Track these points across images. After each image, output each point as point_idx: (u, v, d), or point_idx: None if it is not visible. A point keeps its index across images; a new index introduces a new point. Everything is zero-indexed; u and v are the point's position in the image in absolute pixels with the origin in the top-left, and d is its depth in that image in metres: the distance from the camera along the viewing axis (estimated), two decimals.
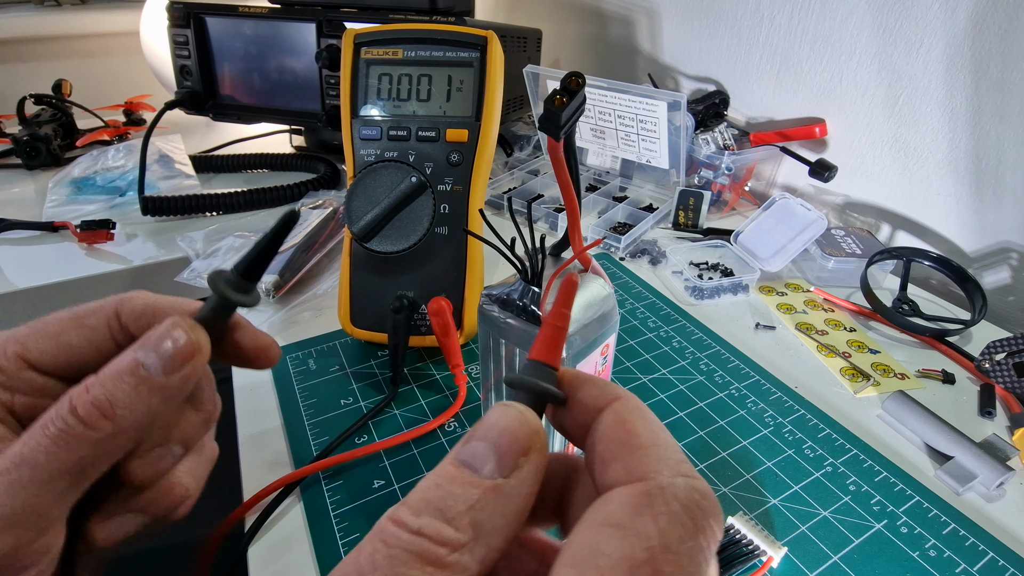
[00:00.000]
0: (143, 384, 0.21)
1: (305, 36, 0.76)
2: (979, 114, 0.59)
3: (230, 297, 0.23)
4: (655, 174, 0.82)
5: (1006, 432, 0.44)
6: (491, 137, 0.48)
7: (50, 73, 1.04)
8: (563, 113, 0.28)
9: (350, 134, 0.48)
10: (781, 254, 0.61)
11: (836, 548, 0.35)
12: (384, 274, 0.48)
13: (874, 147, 0.69)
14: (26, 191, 0.79)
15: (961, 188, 0.62)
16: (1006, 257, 0.60)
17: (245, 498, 0.37)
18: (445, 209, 0.47)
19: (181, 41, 0.79)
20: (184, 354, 0.22)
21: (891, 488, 0.39)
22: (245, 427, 0.43)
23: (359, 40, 0.49)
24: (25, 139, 0.83)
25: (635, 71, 1.03)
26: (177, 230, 0.69)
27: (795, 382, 0.48)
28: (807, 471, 0.40)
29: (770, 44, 0.77)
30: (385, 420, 0.44)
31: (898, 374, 0.50)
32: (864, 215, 0.73)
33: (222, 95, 0.83)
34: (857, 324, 0.56)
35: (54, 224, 0.67)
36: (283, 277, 0.56)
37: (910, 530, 0.36)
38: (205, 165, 0.86)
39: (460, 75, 0.48)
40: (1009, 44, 0.55)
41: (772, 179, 0.83)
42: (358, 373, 0.48)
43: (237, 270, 0.23)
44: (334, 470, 0.39)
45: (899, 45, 0.63)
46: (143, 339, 0.22)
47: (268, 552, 0.35)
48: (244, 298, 0.23)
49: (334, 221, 0.65)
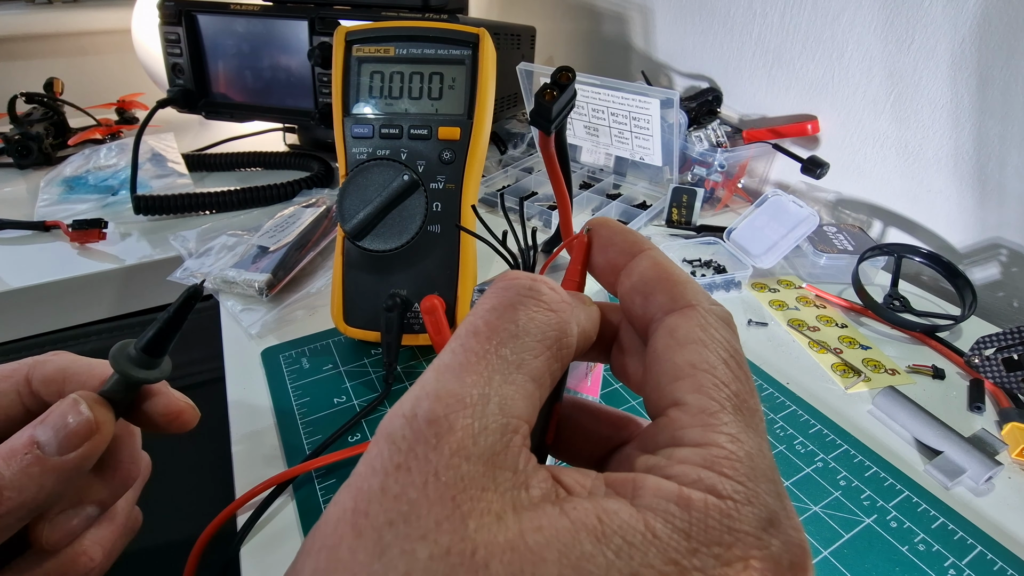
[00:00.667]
0: (36, 464, 0.21)
1: (297, 34, 0.76)
2: (969, 111, 0.59)
3: (132, 375, 0.23)
4: (648, 171, 0.82)
5: (995, 427, 0.45)
6: (483, 135, 0.48)
7: (42, 71, 1.03)
8: (553, 107, 0.28)
9: (342, 132, 0.48)
10: (773, 251, 0.61)
11: (827, 543, 0.35)
12: (377, 272, 0.48)
13: (865, 144, 0.70)
14: (18, 190, 0.79)
15: (952, 184, 0.63)
16: (996, 253, 0.60)
17: (237, 496, 0.37)
18: (437, 207, 0.47)
19: (173, 39, 0.79)
20: (81, 434, 0.21)
21: (881, 483, 0.39)
22: (238, 426, 0.43)
23: (350, 38, 0.49)
24: (16, 138, 0.83)
25: (629, 68, 1.03)
26: (170, 229, 0.68)
27: (787, 378, 0.49)
28: (798, 467, 0.40)
29: (762, 41, 0.78)
30: (378, 418, 0.44)
31: (889, 370, 0.50)
32: (856, 212, 0.73)
33: (215, 93, 0.82)
34: (848, 320, 0.56)
35: (46, 223, 0.67)
36: (276, 276, 0.56)
37: (900, 524, 0.37)
38: (198, 163, 0.86)
39: (452, 73, 0.48)
40: (998, 41, 0.55)
41: (765, 176, 0.83)
42: (351, 371, 0.48)
43: (139, 347, 0.23)
44: (327, 468, 0.39)
45: (890, 42, 0.64)
46: (43, 415, 0.22)
47: (260, 549, 0.35)
48: (147, 374, 0.23)
49: (327, 219, 0.65)
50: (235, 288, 0.56)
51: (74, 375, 0.25)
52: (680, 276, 0.17)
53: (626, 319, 0.19)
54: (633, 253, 0.18)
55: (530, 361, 0.15)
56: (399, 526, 0.12)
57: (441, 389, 0.14)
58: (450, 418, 0.13)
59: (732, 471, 0.13)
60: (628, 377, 0.19)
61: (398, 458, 0.13)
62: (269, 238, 0.60)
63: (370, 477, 0.13)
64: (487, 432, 0.13)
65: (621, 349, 0.19)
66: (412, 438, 0.13)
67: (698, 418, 0.14)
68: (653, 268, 0.18)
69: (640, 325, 0.17)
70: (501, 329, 0.15)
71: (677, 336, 0.16)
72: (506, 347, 0.15)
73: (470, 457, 0.13)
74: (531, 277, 0.16)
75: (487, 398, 0.13)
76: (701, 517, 0.12)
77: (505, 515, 0.12)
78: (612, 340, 0.19)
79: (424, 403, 0.13)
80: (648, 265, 0.18)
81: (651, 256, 0.18)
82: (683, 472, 0.13)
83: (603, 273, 0.19)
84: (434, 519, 0.12)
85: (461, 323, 0.16)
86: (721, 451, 0.13)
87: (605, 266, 0.19)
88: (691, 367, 0.15)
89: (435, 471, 0.12)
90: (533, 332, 0.15)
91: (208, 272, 0.57)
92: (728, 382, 0.15)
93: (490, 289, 0.16)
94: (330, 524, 0.12)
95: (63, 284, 0.61)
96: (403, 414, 0.13)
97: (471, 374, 0.14)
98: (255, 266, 0.57)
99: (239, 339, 0.52)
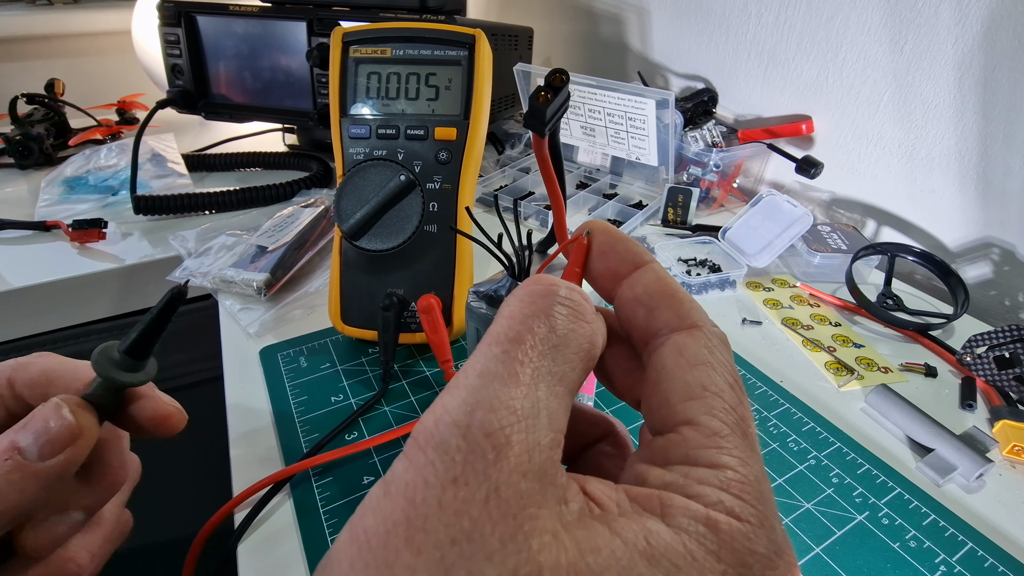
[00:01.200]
0: (17, 471, 0.20)
1: (296, 35, 0.76)
2: (962, 111, 0.59)
3: (116, 379, 0.22)
4: (644, 171, 0.83)
5: (986, 424, 0.45)
6: (479, 135, 0.48)
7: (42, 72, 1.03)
8: (547, 109, 0.28)
9: (339, 133, 0.49)
10: (768, 250, 0.62)
11: (819, 540, 0.36)
12: (374, 272, 0.48)
13: (859, 144, 0.70)
14: (19, 190, 0.80)
15: (945, 184, 0.63)
16: (988, 252, 0.61)
17: (235, 495, 0.37)
18: (434, 207, 0.47)
19: (172, 40, 0.79)
20: (63, 439, 0.21)
21: (873, 480, 0.40)
22: (235, 425, 0.43)
23: (347, 39, 0.49)
24: (17, 138, 0.83)
25: (625, 69, 1.03)
26: (169, 229, 0.69)
27: (780, 376, 0.49)
28: (791, 464, 0.41)
29: (758, 42, 0.78)
30: (375, 417, 0.44)
31: (882, 368, 0.50)
32: (850, 211, 0.74)
33: (214, 94, 0.83)
34: (842, 319, 0.57)
35: (46, 223, 0.67)
36: (275, 275, 0.56)
37: (891, 521, 0.37)
38: (198, 164, 0.86)
39: (448, 73, 0.49)
40: (992, 41, 0.55)
41: (760, 176, 0.83)
42: (348, 370, 0.48)
43: (122, 349, 0.22)
44: (324, 467, 0.40)
45: (884, 43, 0.64)
46: (24, 420, 0.21)
47: (257, 548, 0.35)
48: (131, 377, 0.22)
49: (326, 219, 0.66)
50: (234, 287, 0.56)
51: (58, 378, 0.24)
52: (685, 295, 0.18)
53: (621, 328, 0.19)
54: (636, 264, 0.18)
55: (569, 374, 0.15)
56: (462, 545, 0.11)
57: (493, 399, 0.13)
58: (507, 431, 0.13)
59: (746, 494, 0.13)
60: (614, 383, 0.19)
61: (454, 471, 0.12)
62: (268, 238, 0.60)
63: (424, 489, 0.12)
64: (540, 448, 0.13)
65: (611, 356, 0.19)
66: (468, 450, 0.12)
67: (711, 439, 0.14)
68: (658, 283, 0.18)
69: (640, 336, 0.18)
70: (544, 338, 0.15)
71: (686, 356, 0.16)
72: (549, 358, 0.15)
73: (527, 473, 0.12)
74: (566, 285, 0.16)
75: (537, 411, 0.13)
76: (728, 540, 0.13)
77: (558, 533, 0.12)
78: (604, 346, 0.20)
79: (478, 413, 0.13)
80: (653, 279, 0.18)
81: (655, 270, 0.18)
82: (704, 493, 0.13)
83: (601, 279, 0.19)
84: (498, 538, 0.11)
85: (495, 325, 0.16)
86: (735, 474, 0.14)
87: (604, 273, 0.19)
88: (702, 388, 0.15)
89: (496, 487, 0.12)
90: (572, 344, 0.15)
91: (206, 272, 0.57)
92: (735, 406, 0.15)
93: (523, 292, 0.16)
94: (376, 536, 0.12)
95: (63, 284, 0.61)
96: (455, 423, 0.13)
97: (520, 385, 0.14)
98: (254, 266, 0.57)
99: (237, 338, 0.52)
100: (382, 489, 0.13)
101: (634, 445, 0.19)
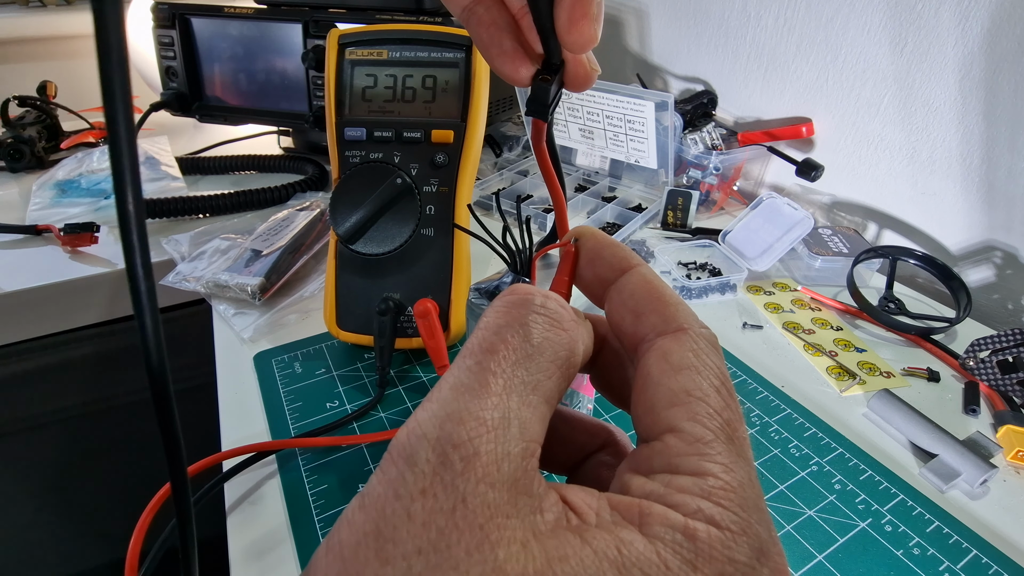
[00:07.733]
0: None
1: (291, 37, 0.76)
2: (964, 113, 0.59)
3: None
4: (644, 174, 0.82)
5: (990, 429, 0.45)
6: (477, 138, 0.48)
7: (35, 74, 1.03)
8: (550, 89, 0.28)
9: (335, 136, 0.48)
10: (768, 253, 0.61)
11: (821, 547, 0.35)
12: (370, 276, 0.47)
13: (860, 146, 0.70)
14: (10, 194, 0.79)
15: (947, 187, 0.63)
16: (991, 255, 0.61)
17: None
18: (431, 211, 0.47)
19: (166, 42, 0.78)
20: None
21: (876, 487, 0.39)
22: (229, 431, 0.43)
23: (343, 41, 0.48)
24: (9, 141, 0.82)
25: (624, 71, 1.03)
26: (163, 232, 0.68)
27: (782, 381, 0.49)
28: (793, 470, 0.40)
29: (757, 44, 0.78)
30: (371, 423, 0.43)
31: (884, 372, 0.50)
32: (851, 214, 0.73)
33: (208, 96, 0.82)
34: (844, 323, 0.56)
35: (37, 227, 0.66)
36: (269, 279, 0.56)
37: (894, 528, 0.36)
38: (192, 167, 0.85)
39: (445, 76, 0.48)
40: (993, 42, 0.55)
41: (760, 179, 0.83)
42: (344, 376, 0.48)
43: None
44: (318, 464, 0.39)
45: (884, 44, 0.64)
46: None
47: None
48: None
49: (321, 223, 0.65)
50: (227, 292, 0.56)
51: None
52: (671, 297, 0.17)
53: (612, 334, 0.19)
54: (623, 268, 0.18)
55: (544, 382, 0.15)
56: (429, 555, 0.11)
57: (463, 411, 0.13)
58: (475, 442, 0.13)
59: (728, 502, 0.13)
60: (611, 390, 0.19)
61: (422, 482, 0.12)
62: (263, 242, 0.60)
63: (393, 501, 0.12)
64: (510, 458, 0.13)
65: (605, 362, 0.19)
66: (436, 462, 0.13)
67: (694, 447, 0.14)
68: (644, 286, 0.18)
69: (629, 342, 0.18)
70: (517, 348, 0.15)
71: (671, 361, 0.16)
72: (522, 367, 0.15)
73: (495, 484, 0.13)
74: (542, 293, 0.17)
75: (508, 421, 0.14)
76: (706, 548, 0.13)
77: (528, 543, 0.12)
78: (597, 353, 0.19)
79: (447, 425, 0.13)
80: (639, 283, 0.18)
81: (641, 274, 0.18)
82: (684, 501, 0.13)
83: (590, 286, 0.19)
84: (464, 548, 0.12)
85: (472, 337, 0.16)
86: (717, 481, 0.14)
87: (593, 279, 0.19)
88: (686, 394, 0.15)
89: (463, 498, 0.12)
90: (547, 353, 0.15)
91: (200, 276, 0.57)
92: (720, 410, 0.15)
93: (499, 303, 0.16)
94: (348, 547, 0.12)
95: (55, 288, 0.60)
96: (424, 435, 0.13)
97: (491, 395, 0.14)
98: (248, 270, 0.56)
99: (231, 343, 0.51)
100: (358, 502, 0.13)
101: None
